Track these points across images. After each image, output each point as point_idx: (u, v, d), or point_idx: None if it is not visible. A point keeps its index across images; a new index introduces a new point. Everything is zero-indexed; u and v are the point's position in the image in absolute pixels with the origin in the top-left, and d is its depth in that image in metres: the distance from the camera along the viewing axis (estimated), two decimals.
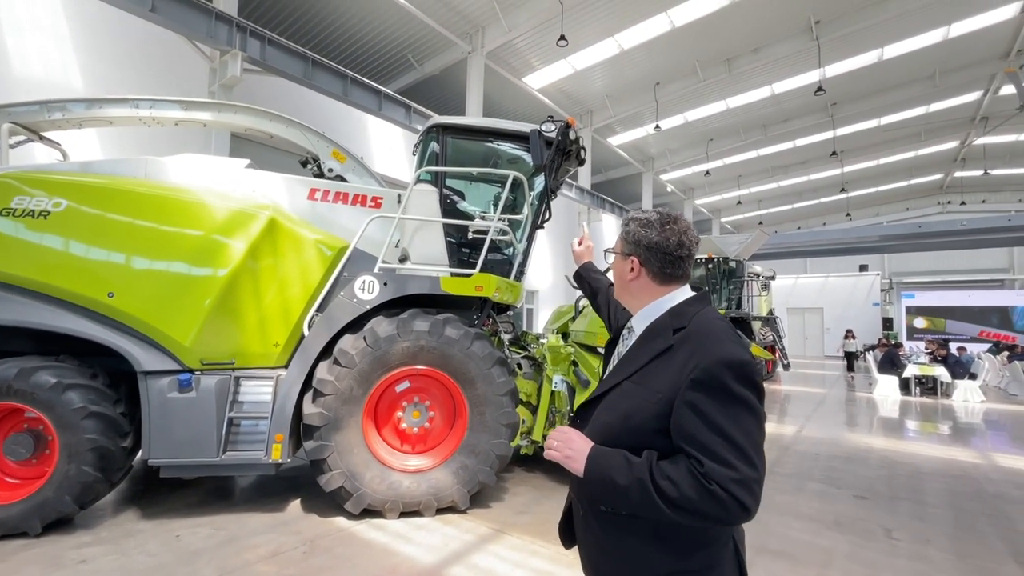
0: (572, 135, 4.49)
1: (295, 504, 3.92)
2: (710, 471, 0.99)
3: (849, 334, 17.25)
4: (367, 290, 3.85)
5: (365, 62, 13.01)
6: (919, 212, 26.25)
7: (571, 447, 1.14)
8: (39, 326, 3.38)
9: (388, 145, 11.30)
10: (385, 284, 3.88)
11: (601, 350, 4.79)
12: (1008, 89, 14.99)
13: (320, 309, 3.91)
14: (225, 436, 3.54)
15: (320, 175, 4.75)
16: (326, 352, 3.78)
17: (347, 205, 4.31)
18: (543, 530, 3.56)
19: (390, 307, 3.92)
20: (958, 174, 23.98)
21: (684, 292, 1.27)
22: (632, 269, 1.28)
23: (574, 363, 4.64)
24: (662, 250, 1.23)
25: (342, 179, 4.68)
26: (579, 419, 1.30)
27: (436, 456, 3.90)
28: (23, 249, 3.43)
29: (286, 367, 3.85)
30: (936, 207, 26.29)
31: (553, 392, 4.61)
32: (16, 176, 3.60)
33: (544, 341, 5.27)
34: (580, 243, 2.07)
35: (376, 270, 3.94)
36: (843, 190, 24.49)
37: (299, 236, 3.92)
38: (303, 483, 4.36)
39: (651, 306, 1.27)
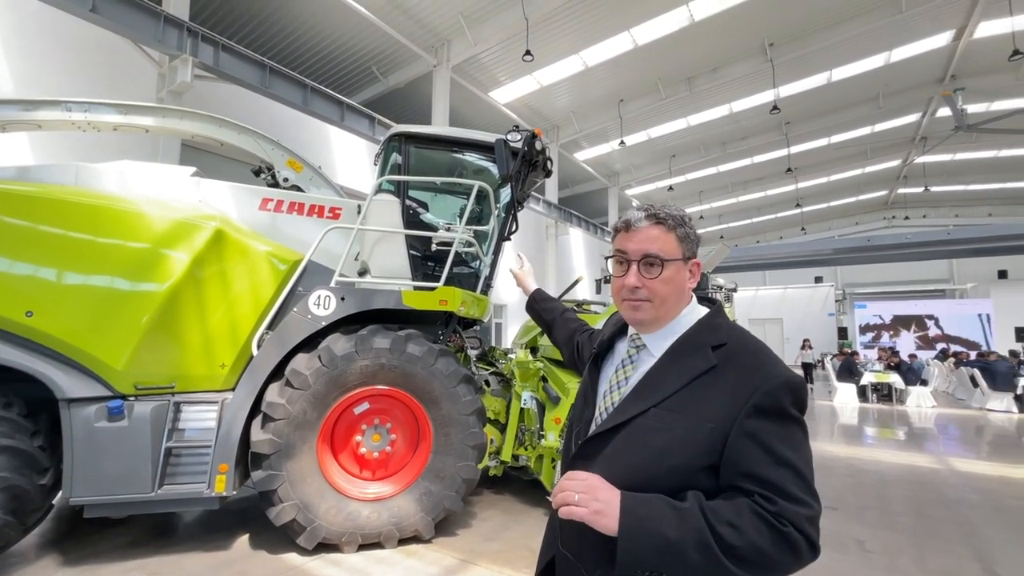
0: (538, 145, 4.41)
1: (242, 541, 3.59)
2: (783, 511, 0.84)
3: (806, 344, 17.68)
4: (323, 305, 3.60)
5: (327, 73, 12.73)
6: (868, 226, 27.62)
7: (598, 497, 0.89)
8: None
9: (351, 157, 11.02)
10: (343, 299, 3.65)
11: None
12: (944, 111, 16.00)
13: (271, 327, 3.63)
14: (162, 469, 3.20)
15: (275, 185, 4.49)
16: (277, 373, 3.51)
17: (303, 216, 4.07)
18: (513, 557, 3.36)
19: (348, 323, 3.69)
20: (901, 191, 25.41)
21: (695, 302, 1.12)
22: (692, 274, 1.08)
23: (544, 378, 4.49)
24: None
25: (299, 189, 4.44)
26: (583, 458, 1.06)
27: (398, 482, 3.65)
28: None
29: (233, 390, 3.55)
30: (883, 222, 27.73)
31: (522, 409, 4.43)
32: None
33: (512, 356, 5.10)
34: (521, 266, 1.86)
35: (333, 284, 3.70)
36: (798, 205, 25.54)
37: (249, 248, 3.65)
38: (251, 516, 4.01)
39: (676, 321, 1.08)
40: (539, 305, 1.75)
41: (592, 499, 0.89)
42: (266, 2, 10.24)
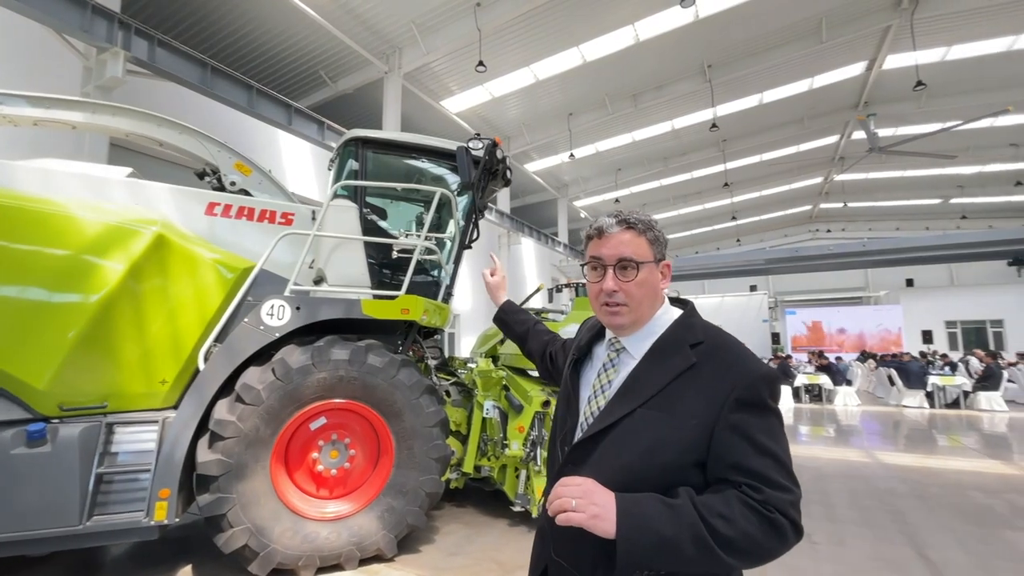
0: (499, 154, 4.44)
1: (185, 572, 3.30)
2: (769, 498, 0.88)
3: None
4: (276, 315, 3.41)
5: (274, 75, 12.23)
6: (795, 238, 29.72)
7: (595, 501, 0.89)
8: None
9: (298, 162, 10.61)
10: (297, 308, 3.47)
11: (534, 372, 4.68)
12: (859, 134, 17.57)
13: (219, 339, 3.40)
14: (92, 498, 2.89)
15: (220, 188, 4.24)
16: (225, 389, 3.28)
17: (252, 222, 3.85)
18: (480, 571, 3.30)
19: (301, 335, 3.51)
20: (823, 205, 27.59)
21: (667, 303, 1.16)
22: (663, 275, 1.12)
23: (506, 387, 4.47)
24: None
25: (247, 193, 4.21)
26: (573, 463, 1.06)
27: (358, 499, 3.49)
28: None
29: (175, 408, 3.28)
30: (808, 234, 29.94)
31: (484, 419, 4.39)
32: None
33: (472, 366, 5.05)
34: (493, 273, 1.80)
35: (287, 293, 3.52)
36: (734, 218, 27.13)
37: (193, 255, 3.40)
38: (195, 545, 3.71)
39: (652, 322, 1.12)
40: (510, 317, 1.73)
41: (589, 503, 0.90)
42: None
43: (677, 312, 1.15)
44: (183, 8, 9.99)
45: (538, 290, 7.14)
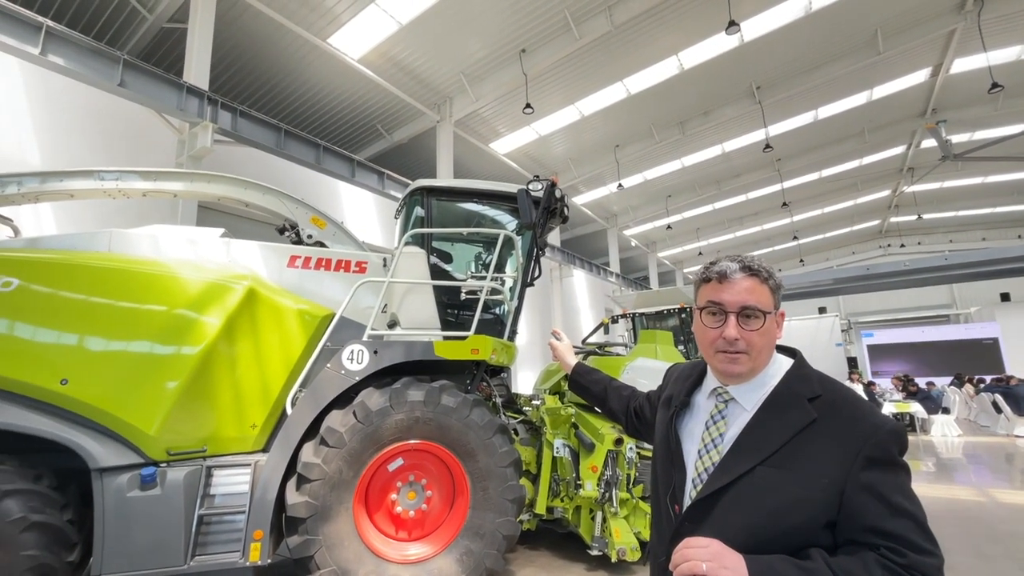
0: (557, 193, 4.53)
1: None
2: (913, 563, 0.84)
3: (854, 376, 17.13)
4: (356, 360, 3.58)
5: (336, 132, 13.21)
6: (865, 255, 27.95)
7: (726, 564, 0.88)
8: None
9: (361, 211, 11.25)
10: (375, 352, 3.63)
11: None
12: (929, 142, 16.55)
13: (303, 384, 3.59)
14: (194, 538, 3.07)
15: (298, 242, 4.56)
16: (310, 432, 3.43)
17: (330, 271, 4.11)
18: None
19: (377, 378, 3.65)
20: (894, 219, 25.89)
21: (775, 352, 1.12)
22: (778, 325, 1.09)
23: (575, 425, 4.41)
24: None
25: (323, 245, 4.50)
26: (691, 522, 1.04)
27: (436, 542, 3.51)
28: None
29: (264, 451, 3.47)
30: (878, 250, 28.09)
31: (555, 458, 4.32)
32: None
33: (538, 403, 5.03)
34: (559, 337, 1.87)
35: (365, 338, 3.69)
36: (795, 238, 25.94)
37: (280, 306, 3.66)
38: None
39: (764, 373, 1.08)
40: (584, 379, 1.73)
41: (720, 567, 0.88)
42: (278, 68, 10.75)
43: (787, 361, 1.11)
44: (257, 79, 11.07)
45: (602, 324, 7.08)
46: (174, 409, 3.17)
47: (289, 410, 3.47)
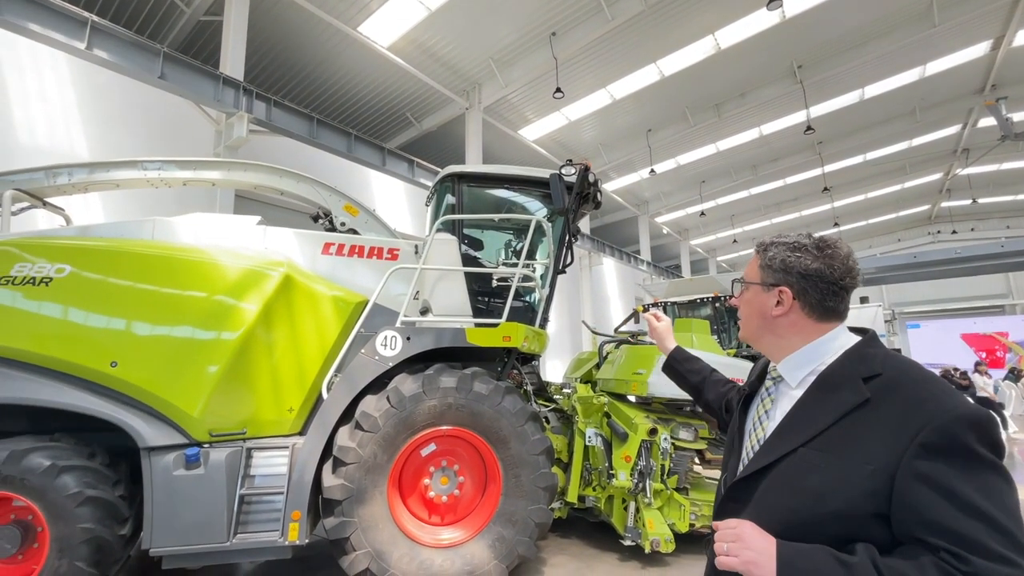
0: (591, 178, 4.42)
1: None
2: (980, 570, 0.73)
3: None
4: (390, 346, 3.60)
5: (366, 121, 13.32)
6: (911, 243, 26.58)
7: (750, 547, 0.85)
8: (36, 403, 3.08)
9: (391, 200, 11.35)
10: (408, 339, 3.64)
11: (633, 399, 4.52)
12: (986, 121, 15.52)
13: (339, 370, 3.64)
14: (236, 517, 3.17)
15: (332, 229, 4.61)
16: (345, 416, 3.49)
17: (363, 258, 4.13)
18: None
19: (410, 364, 3.67)
20: (945, 204, 24.49)
21: (845, 331, 1.05)
22: (779, 303, 1.06)
23: (607, 414, 4.35)
24: (825, 279, 1.02)
25: (355, 232, 4.54)
26: (733, 501, 1.01)
27: (469, 527, 3.53)
28: (22, 320, 3.19)
29: (300, 434, 3.55)
30: (927, 237, 26.67)
31: (587, 447, 4.28)
32: (17, 243, 3.42)
33: (568, 391, 4.98)
34: (659, 319, 1.71)
35: (399, 324, 3.71)
36: (836, 224, 24.85)
37: (316, 293, 3.71)
38: (318, 564, 3.93)
39: (807, 349, 1.04)
40: (682, 366, 1.63)
41: (744, 548, 0.85)
42: (310, 58, 10.87)
43: (852, 339, 1.05)
44: (290, 70, 11.23)
45: (635, 312, 6.95)
46: (215, 392, 3.27)
47: (325, 395, 3.53)
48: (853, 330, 1.08)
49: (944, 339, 22.72)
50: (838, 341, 1.04)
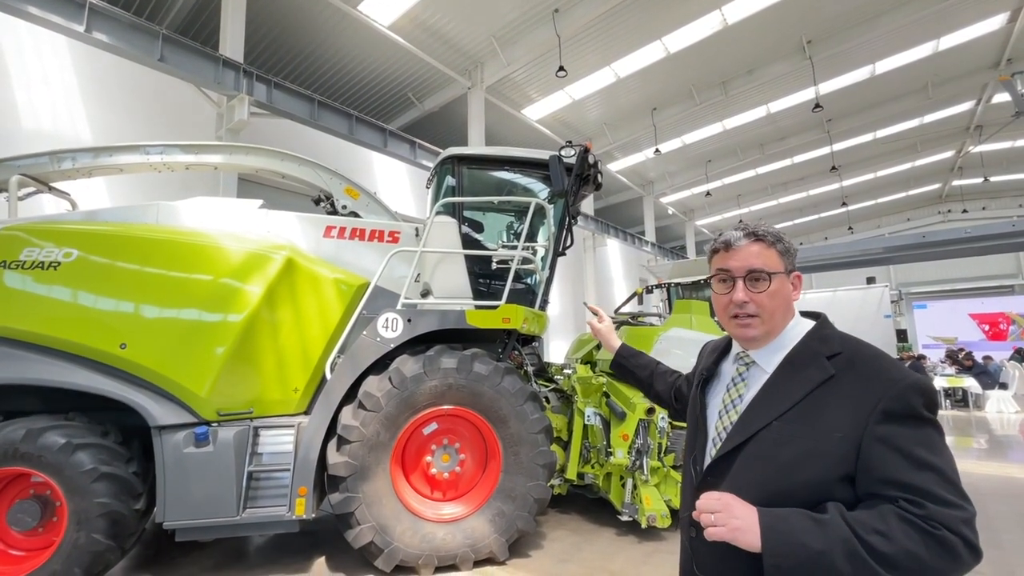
0: (591, 159, 4.41)
1: (319, 563, 3.64)
2: (933, 514, 0.83)
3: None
4: (391, 328, 3.67)
5: (367, 102, 13.19)
6: (920, 222, 26.23)
7: (735, 514, 0.91)
8: (49, 383, 3.18)
9: (393, 182, 11.33)
10: (409, 320, 3.70)
11: None
12: (1000, 97, 15.15)
13: (341, 351, 3.72)
14: (245, 492, 3.30)
15: (333, 212, 4.64)
16: (349, 396, 3.58)
17: (364, 241, 4.18)
18: None
19: (413, 345, 3.74)
20: (956, 183, 24.07)
21: (799, 315, 1.14)
22: (794, 287, 1.12)
23: (606, 394, 4.42)
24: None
25: (356, 215, 4.57)
26: (712, 477, 1.07)
27: (470, 503, 3.64)
28: (32, 303, 3.28)
29: (305, 413, 3.65)
30: (937, 216, 26.29)
31: (586, 426, 4.36)
32: (25, 228, 3.48)
33: (569, 372, 5.05)
34: (601, 319, 1.78)
35: (399, 306, 3.77)
36: (844, 204, 24.52)
37: (318, 275, 3.77)
38: (324, 538, 4.07)
39: (783, 335, 1.10)
40: (629, 362, 1.69)
41: (730, 516, 0.91)
42: (310, 38, 10.74)
43: (809, 324, 1.12)
44: (290, 51, 11.11)
45: (635, 294, 6.98)
46: (222, 373, 3.36)
47: (328, 375, 3.61)
48: (804, 314, 1.15)
49: (951, 318, 22.59)
50: (800, 325, 1.12)
